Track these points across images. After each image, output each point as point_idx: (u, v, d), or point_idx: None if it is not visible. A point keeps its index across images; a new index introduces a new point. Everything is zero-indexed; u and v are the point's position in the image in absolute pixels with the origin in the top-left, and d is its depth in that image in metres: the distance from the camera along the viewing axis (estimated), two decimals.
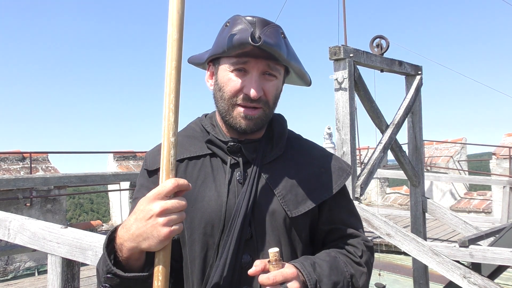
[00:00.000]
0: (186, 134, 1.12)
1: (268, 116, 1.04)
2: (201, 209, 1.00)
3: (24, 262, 6.34)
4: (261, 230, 0.99)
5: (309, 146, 1.15)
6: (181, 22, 0.87)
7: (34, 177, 6.18)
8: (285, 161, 1.07)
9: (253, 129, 1.02)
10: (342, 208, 1.10)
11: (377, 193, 11.48)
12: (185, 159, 1.06)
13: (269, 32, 0.96)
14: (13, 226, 1.83)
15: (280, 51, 0.96)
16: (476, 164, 13.87)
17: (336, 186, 1.07)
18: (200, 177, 1.03)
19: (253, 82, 0.98)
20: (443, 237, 7.41)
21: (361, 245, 1.07)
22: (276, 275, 0.85)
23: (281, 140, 1.09)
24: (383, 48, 3.99)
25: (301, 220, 1.02)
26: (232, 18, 1.01)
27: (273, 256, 0.86)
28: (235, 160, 1.03)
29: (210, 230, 0.99)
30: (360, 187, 3.57)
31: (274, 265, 0.86)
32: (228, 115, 1.02)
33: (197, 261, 0.99)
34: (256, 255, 0.98)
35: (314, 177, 1.07)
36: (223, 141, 1.04)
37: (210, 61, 1.07)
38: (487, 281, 3.07)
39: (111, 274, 0.85)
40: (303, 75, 1.11)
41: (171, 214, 0.81)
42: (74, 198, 26.79)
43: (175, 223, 0.81)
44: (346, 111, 3.56)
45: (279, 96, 1.07)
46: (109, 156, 8.60)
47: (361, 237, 1.09)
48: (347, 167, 1.13)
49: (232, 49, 0.97)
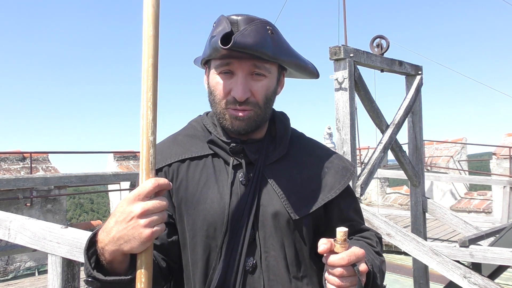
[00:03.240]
0: (187, 133, 1.10)
1: (262, 116, 1.01)
2: (204, 211, 0.98)
3: (24, 262, 6.34)
4: (264, 233, 0.98)
5: (312, 145, 1.14)
6: (156, 17, 0.83)
7: (34, 177, 6.18)
8: (288, 161, 1.05)
9: (246, 130, 0.99)
10: (350, 207, 1.10)
11: (377, 193, 11.47)
12: (187, 159, 1.04)
13: (249, 30, 0.91)
14: (14, 226, 1.83)
15: (262, 48, 0.92)
16: (476, 164, 13.86)
17: (340, 186, 1.06)
18: (202, 178, 1.01)
19: (239, 84, 0.95)
20: (443, 237, 7.41)
21: (374, 237, 1.08)
22: (350, 256, 0.81)
23: (284, 140, 1.07)
24: (383, 48, 3.98)
25: (305, 222, 1.01)
26: (218, 18, 0.98)
27: (342, 236, 0.81)
28: (238, 161, 1.02)
29: (212, 232, 0.97)
30: (360, 187, 3.57)
31: (341, 244, 0.81)
32: (222, 118, 1.00)
33: (199, 263, 0.98)
34: (259, 258, 0.96)
35: (317, 177, 1.05)
36: (225, 142, 1.02)
37: (205, 63, 1.06)
38: (487, 281, 3.07)
39: (91, 278, 0.82)
40: (304, 68, 1.07)
41: (152, 215, 0.78)
42: (74, 198, 26.81)
43: (156, 224, 0.79)
44: (346, 111, 3.55)
45: (272, 95, 1.03)
46: (109, 156, 8.60)
47: (371, 230, 1.11)
48: (351, 167, 1.12)
49: (209, 54, 0.96)
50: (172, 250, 1.01)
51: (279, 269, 0.98)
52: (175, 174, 1.03)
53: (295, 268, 0.99)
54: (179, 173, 1.03)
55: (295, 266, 0.99)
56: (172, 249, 1.01)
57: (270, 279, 0.96)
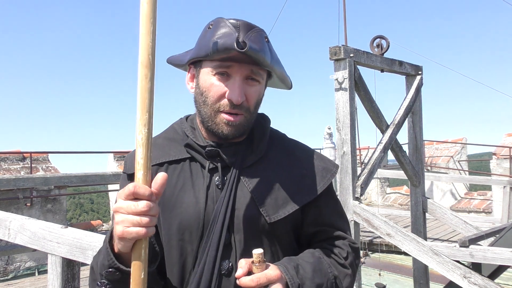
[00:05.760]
0: (167, 137, 1.09)
1: (250, 122, 1.01)
2: (179, 215, 0.98)
3: (24, 262, 6.34)
4: (240, 236, 0.97)
5: (292, 146, 1.12)
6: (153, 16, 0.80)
7: (34, 177, 6.18)
8: (266, 163, 1.04)
9: (235, 135, 0.99)
10: (329, 209, 1.08)
11: (377, 193, 11.47)
12: (165, 163, 1.04)
13: (253, 37, 0.94)
14: (14, 226, 1.83)
15: (265, 56, 0.94)
16: (476, 164, 13.86)
17: (319, 188, 1.04)
18: (179, 182, 1.01)
19: (236, 87, 0.95)
20: (443, 237, 7.41)
21: (347, 247, 1.05)
22: (260, 277, 0.84)
23: (262, 142, 1.06)
24: (384, 48, 3.98)
25: (281, 225, 1.00)
26: (215, 20, 0.98)
27: (257, 257, 0.84)
28: (214, 165, 1.01)
29: (188, 236, 0.97)
30: (360, 187, 3.57)
31: (257, 266, 0.84)
32: (211, 121, 0.99)
33: (175, 267, 0.98)
34: (235, 261, 0.96)
35: (296, 179, 1.04)
36: (201, 146, 1.02)
37: (191, 63, 1.05)
38: (487, 281, 3.07)
39: (113, 269, 0.83)
40: (284, 79, 1.09)
41: (128, 215, 0.77)
42: (74, 198, 26.82)
43: (129, 225, 0.77)
44: (347, 111, 3.56)
45: (261, 101, 1.04)
46: (109, 156, 8.60)
47: (347, 239, 1.07)
48: (332, 167, 1.10)
49: (217, 54, 0.94)
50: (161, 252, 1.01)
51: None
52: (153, 177, 1.03)
53: None
54: None
55: None
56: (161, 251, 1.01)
57: None
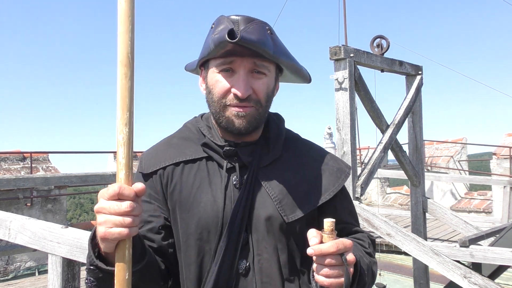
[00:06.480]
0: (182, 136, 1.10)
1: (262, 115, 1.01)
2: (198, 214, 0.98)
3: (24, 262, 6.34)
4: (257, 236, 0.98)
5: (307, 147, 1.13)
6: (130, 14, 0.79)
7: (34, 177, 6.19)
8: (282, 163, 1.05)
9: (247, 128, 0.98)
10: (345, 209, 1.09)
11: (377, 193, 11.47)
12: (181, 162, 1.04)
13: (251, 28, 0.92)
14: (14, 226, 1.83)
15: (264, 47, 0.93)
16: (476, 164, 13.85)
17: (334, 189, 1.05)
18: (196, 182, 1.01)
19: (241, 81, 0.95)
20: (443, 237, 7.41)
21: (367, 238, 1.08)
22: (339, 244, 0.80)
23: (278, 142, 1.07)
24: (384, 48, 3.98)
25: (298, 225, 1.00)
26: (217, 19, 0.98)
27: (329, 226, 0.82)
28: (231, 164, 1.01)
29: (206, 235, 0.97)
30: (360, 187, 3.57)
31: (329, 235, 0.81)
32: (221, 117, 0.99)
33: (192, 266, 0.98)
34: (252, 261, 0.97)
35: (311, 179, 1.05)
36: (219, 145, 1.02)
37: (201, 66, 1.06)
38: (488, 281, 3.07)
39: (93, 266, 0.83)
40: (298, 71, 1.08)
41: (111, 216, 0.75)
42: (74, 198, 26.85)
43: (112, 226, 0.75)
44: (347, 111, 3.56)
45: (272, 94, 1.04)
46: (109, 156, 8.61)
47: (364, 232, 1.10)
48: (346, 168, 1.11)
49: (214, 49, 0.94)
50: (168, 252, 1.01)
51: (272, 271, 0.98)
52: (169, 177, 1.03)
53: (288, 271, 0.99)
54: (174, 176, 1.03)
55: (288, 268, 0.99)
56: (169, 252, 1.01)
57: (263, 281, 0.97)
